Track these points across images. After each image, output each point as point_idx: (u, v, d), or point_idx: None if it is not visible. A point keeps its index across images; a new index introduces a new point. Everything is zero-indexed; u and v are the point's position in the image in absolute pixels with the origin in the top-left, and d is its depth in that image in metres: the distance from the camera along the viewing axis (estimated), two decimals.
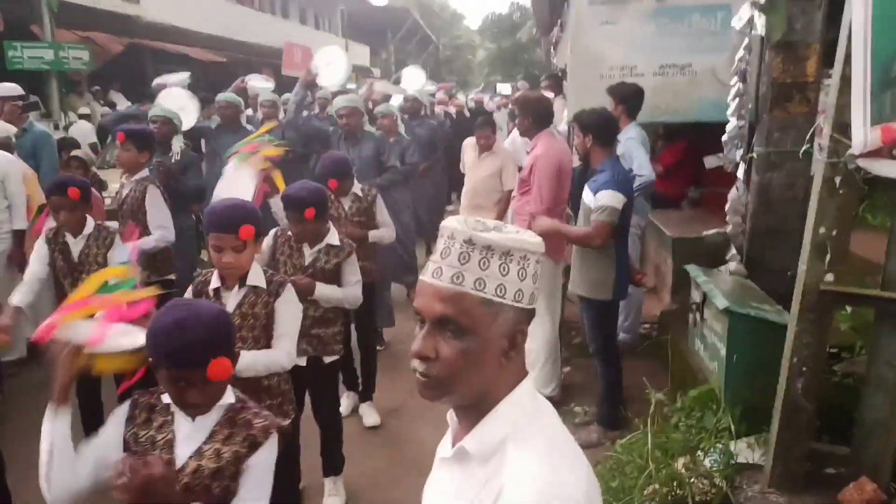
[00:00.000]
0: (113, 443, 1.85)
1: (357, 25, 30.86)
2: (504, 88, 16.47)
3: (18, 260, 4.88)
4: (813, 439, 2.81)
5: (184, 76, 6.79)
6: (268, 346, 2.63)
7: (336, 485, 3.58)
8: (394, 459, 3.98)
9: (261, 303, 2.58)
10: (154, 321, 1.77)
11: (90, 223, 3.63)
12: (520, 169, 4.70)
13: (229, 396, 1.86)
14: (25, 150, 5.48)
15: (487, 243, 1.07)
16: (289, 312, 2.66)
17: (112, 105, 12.68)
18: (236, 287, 2.56)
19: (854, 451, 2.69)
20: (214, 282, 2.60)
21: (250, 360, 2.49)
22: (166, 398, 1.84)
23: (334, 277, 3.29)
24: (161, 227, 4.21)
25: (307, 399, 3.37)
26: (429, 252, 6.70)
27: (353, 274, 3.34)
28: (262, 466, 1.84)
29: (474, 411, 1.13)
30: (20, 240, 4.91)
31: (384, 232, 4.29)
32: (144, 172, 4.29)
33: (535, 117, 4.38)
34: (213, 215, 2.51)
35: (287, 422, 2.69)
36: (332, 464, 3.58)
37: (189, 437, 1.82)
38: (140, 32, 14.60)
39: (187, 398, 1.75)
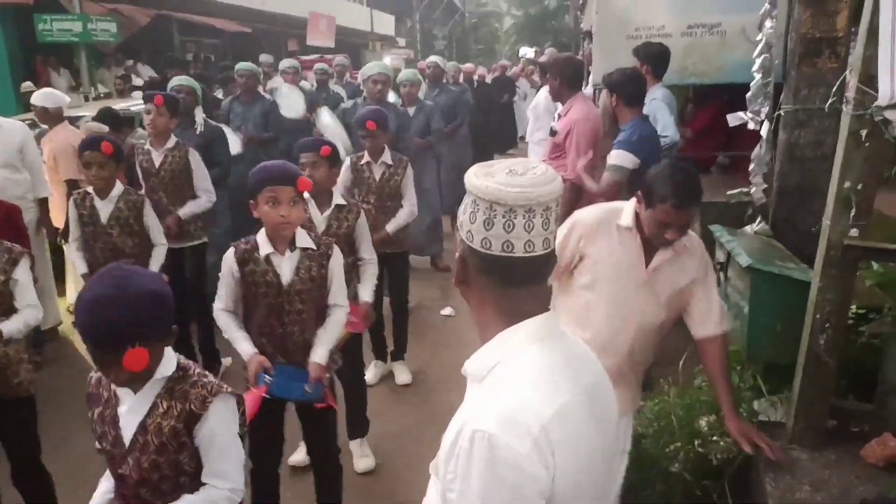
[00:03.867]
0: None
1: None
2: (528, 52, 16.08)
3: (47, 226, 4.94)
4: (838, 397, 2.79)
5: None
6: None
7: (363, 447, 3.65)
8: (420, 418, 4.07)
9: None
10: (84, 288, 1.67)
11: (118, 186, 3.69)
12: (552, 132, 4.53)
13: (170, 366, 1.76)
14: None
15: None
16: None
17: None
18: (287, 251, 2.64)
19: (877, 408, 2.67)
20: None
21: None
22: None
23: (349, 243, 3.26)
24: (206, 190, 4.34)
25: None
26: (454, 223, 6.64)
27: (366, 242, 3.34)
28: (215, 436, 1.75)
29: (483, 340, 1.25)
30: (45, 207, 4.92)
31: (402, 216, 4.15)
32: (173, 139, 4.30)
33: (564, 78, 4.34)
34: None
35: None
36: (358, 426, 3.65)
37: (133, 410, 1.74)
38: (166, 3, 14.67)
39: (109, 376, 1.69)
